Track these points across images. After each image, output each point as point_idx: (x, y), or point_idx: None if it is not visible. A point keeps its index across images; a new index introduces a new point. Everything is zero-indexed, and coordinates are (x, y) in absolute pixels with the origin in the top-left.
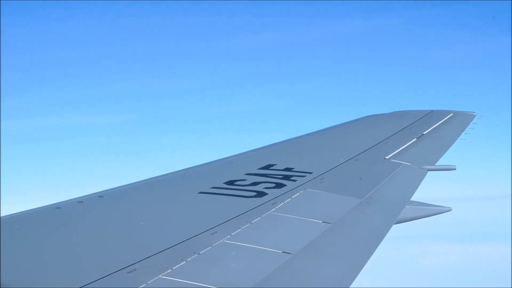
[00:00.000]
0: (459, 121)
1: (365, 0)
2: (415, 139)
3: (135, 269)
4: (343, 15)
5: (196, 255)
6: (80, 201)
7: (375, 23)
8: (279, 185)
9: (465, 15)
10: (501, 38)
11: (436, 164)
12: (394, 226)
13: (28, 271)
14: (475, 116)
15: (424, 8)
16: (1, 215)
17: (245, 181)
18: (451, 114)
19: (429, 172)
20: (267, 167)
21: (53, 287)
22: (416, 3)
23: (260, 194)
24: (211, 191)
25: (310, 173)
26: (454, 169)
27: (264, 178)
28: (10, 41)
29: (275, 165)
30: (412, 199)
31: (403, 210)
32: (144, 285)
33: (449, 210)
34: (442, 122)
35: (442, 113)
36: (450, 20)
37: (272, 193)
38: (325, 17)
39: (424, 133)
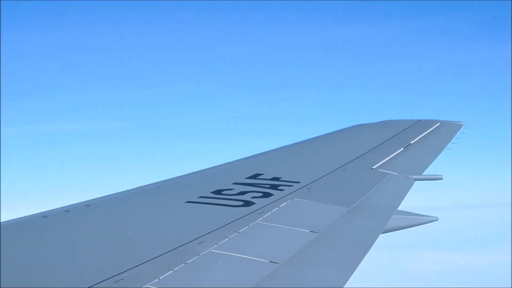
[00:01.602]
0: (446, 131)
1: (355, 4)
2: (402, 149)
3: (121, 279)
4: (335, 22)
5: (183, 264)
6: (67, 210)
7: (366, 31)
8: (266, 195)
9: (459, 21)
10: (499, 46)
11: (423, 173)
12: (381, 236)
13: (11, 282)
14: (462, 125)
15: (418, 15)
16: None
17: (233, 190)
18: (438, 123)
19: (416, 181)
20: (255, 176)
21: None
22: (410, 10)
23: (247, 203)
24: (198, 200)
25: (298, 182)
26: (441, 178)
27: (251, 187)
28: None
29: (262, 174)
30: (399, 208)
31: (390, 219)
32: None
33: (435, 219)
34: (429, 132)
35: (429, 123)
36: (444, 27)
37: (260, 202)
38: (315, 24)
39: (411, 142)
